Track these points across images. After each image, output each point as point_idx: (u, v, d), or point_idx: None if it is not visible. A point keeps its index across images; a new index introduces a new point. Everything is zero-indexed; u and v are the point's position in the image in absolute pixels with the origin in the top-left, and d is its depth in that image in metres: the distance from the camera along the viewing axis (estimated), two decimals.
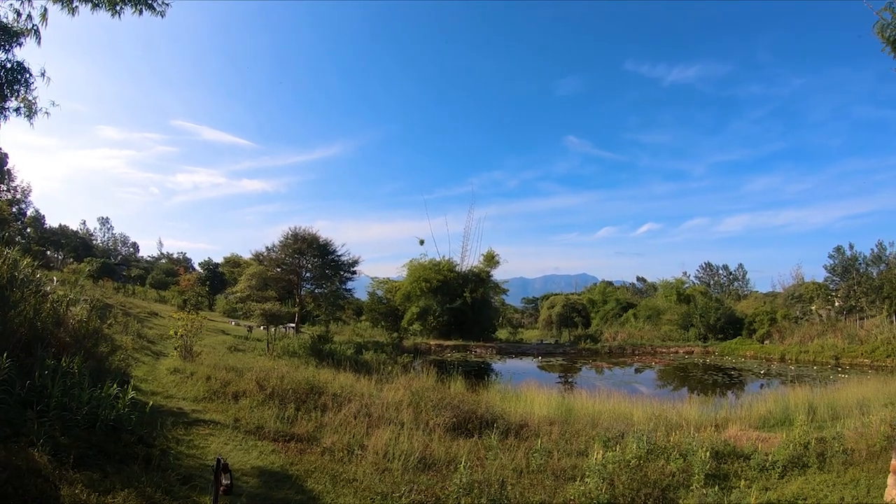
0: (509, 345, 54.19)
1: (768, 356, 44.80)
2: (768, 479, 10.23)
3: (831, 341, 42.61)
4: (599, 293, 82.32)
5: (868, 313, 48.37)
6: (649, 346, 52.98)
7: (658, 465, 10.35)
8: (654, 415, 15.33)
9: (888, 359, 36.19)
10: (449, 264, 57.67)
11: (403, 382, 17.47)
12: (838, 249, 60.50)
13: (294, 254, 42.40)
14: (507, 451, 11.00)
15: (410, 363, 29.53)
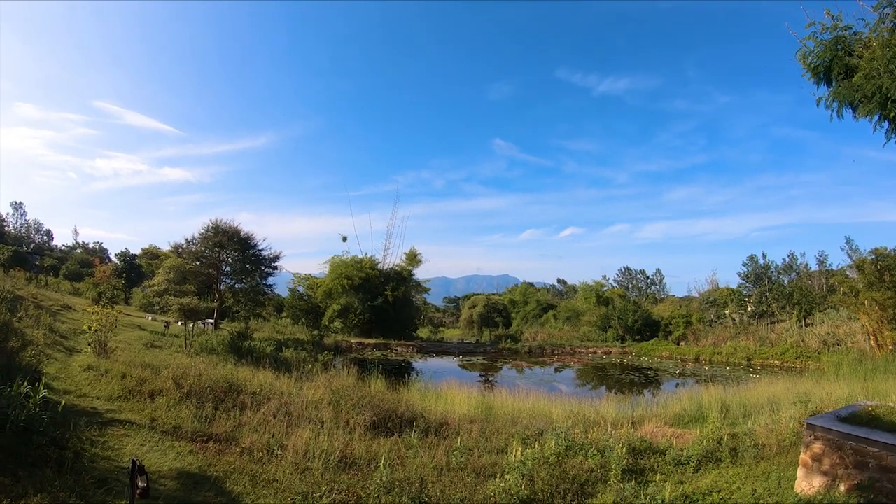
0: (430, 344, 54.85)
1: (683, 357, 47.54)
2: (683, 473, 10.74)
3: (744, 343, 45.61)
4: (521, 294, 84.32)
5: (779, 318, 51.72)
6: (569, 346, 55.08)
7: (576, 461, 10.66)
8: (573, 413, 15.74)
9: (797, 360, 38.98)
10: (371, 262, 57.68)
11: (324, 381, 17.26)
12: (752, 258, 64.98)
13: (214, 247, 41.32)
14: (427, 450, 11.09)
15: (331, 361, 29.21)
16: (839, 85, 9.26)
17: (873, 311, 33.44)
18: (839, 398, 15.64)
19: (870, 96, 8.38)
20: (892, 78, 7.89)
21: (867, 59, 8.50)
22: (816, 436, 9.20)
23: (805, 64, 9.83)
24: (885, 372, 24.52)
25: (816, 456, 9.12)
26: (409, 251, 60.47)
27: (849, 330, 39.09)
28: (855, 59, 8.95)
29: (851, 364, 29.47)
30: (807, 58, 9.78)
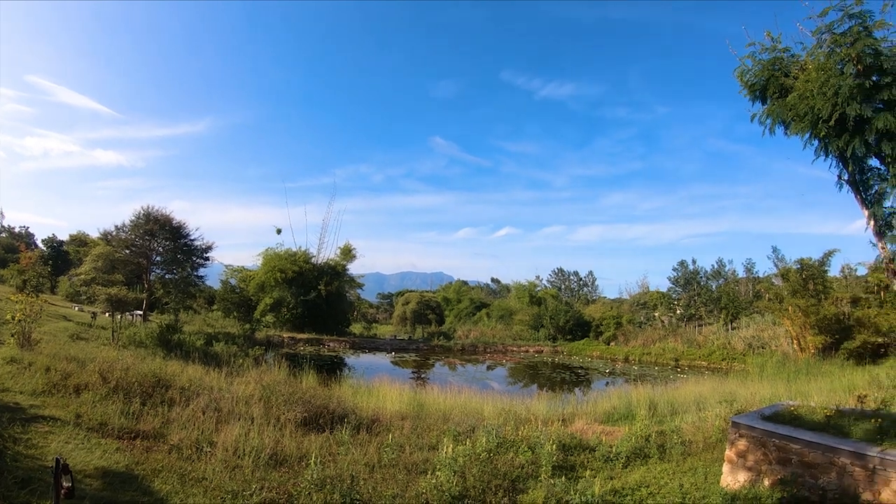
0: (363, 340, 54.91)
1: (614, 357, 49.16)
2: (613, 468, 11.04)
3: (672, 345, 47.62)
4: (454, 292, 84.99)
5: (706, 321, 53.89)
6: (501, 344, 56.22)
7: (508, 458, 10.80)
8: (505, 410, 15.91)
9: (723, 361, 40.94)
10: (305, 255, 57.17)
11: (255, 376, 16.96)
12: (682, 263, 67.41)
13: (145, 235, 40.30)
14: (359, 446, 11.03)
15: (262, 356, 28.92)
16: (773, 103, 9.86)
17: (797, 316, 35.38)
18: (763, 398, 16.39)
19: (802, 115, 8.90)
20: (824, 99, 8.38)
21: (802, 80, 9.01)
22: (741, 433, 9.63)
23: (742, 81, 10.41)
24: (808, 374, 25.96)
25: (741, 452, 9.54)
26: (344, 246, 60.33)
27: (773, 334, 41.19)
28: (790, 80, 9.49)
29: (775, 366, 31.17)
30: (744, 75, 10.36)
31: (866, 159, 9.24)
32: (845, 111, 8.20)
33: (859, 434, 8.41)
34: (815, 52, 9.09)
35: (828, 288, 38.19)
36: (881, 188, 9.14)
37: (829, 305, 35.35)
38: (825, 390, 18.29)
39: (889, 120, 7.87)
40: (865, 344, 32.47)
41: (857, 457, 7.67)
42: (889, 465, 7.30)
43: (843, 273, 46.18)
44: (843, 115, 8.30)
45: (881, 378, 19.89)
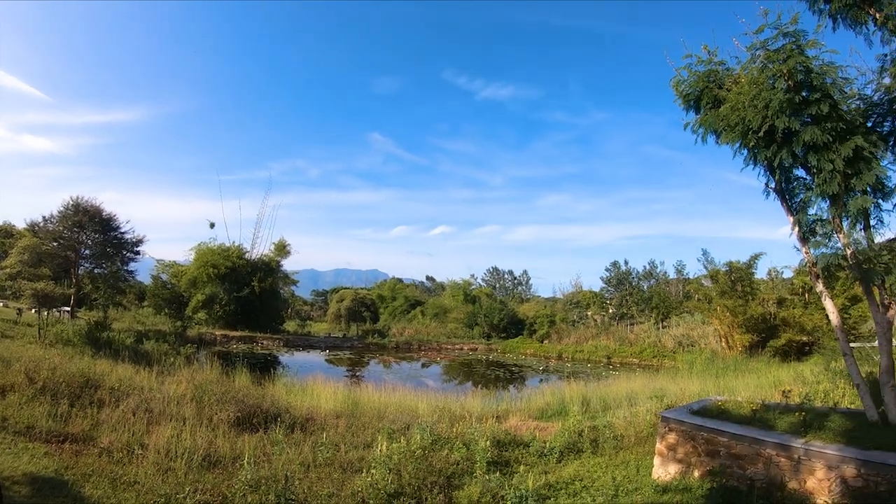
0: (297, 337, 54.52)
1: (547, 354, 50.20)
2: (547, 463, 11.30)
3: (604, 343, 49.08)
4: (389, 290, 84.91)
5: (638, 320, 55.65)
6: (436, 342, 56.69)
7: (443, 455, 10.89)
8: (439, 407, 15.99)
9: (654, 359, 42.47)
10: (239, 251, 55.90)
11: (186, 375, 16.55)
12: (615, 264, 69.66)
13: (74, 227, 38.74)
14: (293, 446, 10.87)
15: (194, 354, 28.12)
16: (707, 113, 10.33)
17: (725, 316, 37.09)
18: (692, 394, 16.97)
19: (733, 126, 9.32)
20: (755, 112, 8.80)
21: (735, 92, 9.46)
22: (671, 427, 10.03)
23: (678, 91, 10.87)
24: (735, 371, 27.09)
25: (671, 445, 9.93)
26: (279, 241, 59.23)
27: (702, 332, 42.99)
28: (724, 92, 9.97)
29: (704, 363, 32.43)
30: (680, 85, 10.81)
31: (793, 169, 9.77)
32: (775, 123, 8.63)
33: (784, 427, 8.87)
34: (749, 66, 9.52)
35: (755, 289, 40.11)
36: (806, 197, 9.63)
37: (756, 306, 37.20)
38: (752, 386, 19.15)
39: (816, 133, 8.31)
40: (790, 342, 34.30)
41: (783, 448, 8.09)
42: (813, 455, 7.73)
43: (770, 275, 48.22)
44: (773, 127, 8.73)
45: (805, 374, 20.89)
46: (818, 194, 8.93)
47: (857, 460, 7.23)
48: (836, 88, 8.45)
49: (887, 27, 8.16)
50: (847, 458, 7.34)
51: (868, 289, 9.34)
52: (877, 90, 9.37)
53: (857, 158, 8.35)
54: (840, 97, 8.59)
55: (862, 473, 7.12)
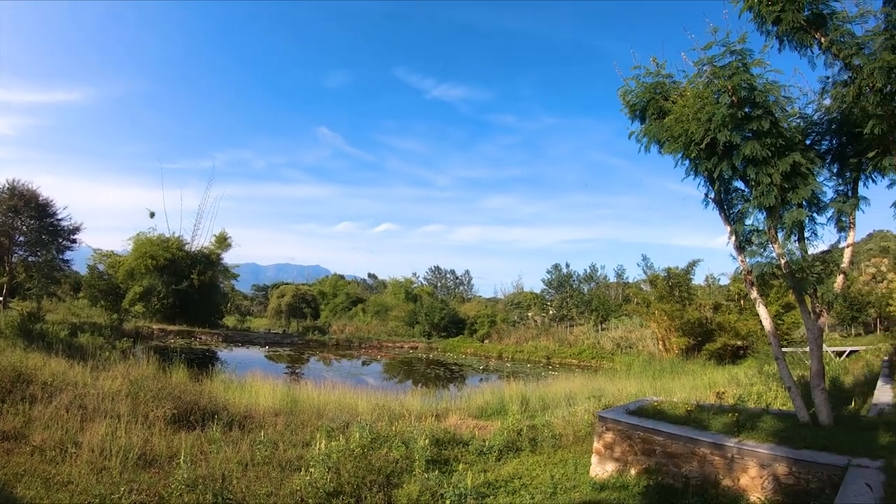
0: (237, 333, 53.78)
1: (487, 354, 50.76)
2: (486, 462, 11.50)
3: (544, 343, 50.00)
4: (331, 286, 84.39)
5: (578, 322, 56.87)
6: (376, 340, 56.63)
7: (382, 453, 10.95)
8: (379, 405, 16.05)
9: (593, 360, 43.49)
10: (178, 242, 54.36)
11: (122, 370, 16.03)
12: (556, 266, 71.15)
13: (8, 212, 37.05)
14: (231, 444, 10.72)
15: (131, 349, 27.45)
16: (651, 123, 10.80)
17: (662, 320, 38.35)
18: (630, 394, 17.47)
19: (676, 137, 9.72)
20: (698, 124, 9.19)
21: (680, 105, 9.86)
22: (608, 427, 10.40)
23: (624, 101, 11.33)
24: (672, 372, 28.04)
25: (608, 444, 10.30)
26: (220, 234, 58.09)
27: (640, 335, 44.30)
28: (669, 104, 10.40)
29: (642, 365, 33.46)
30: (627, 95, 11.27)
31: (732, 181, 10.29)
32: (717, 136, 9.04)
33: (718, 427, 9.31)
34: (696, 80, 9.96)
35: (692, 295, 41.70)
36: (744, 208, 10.16)
37: (693, 311, 38.62)
38: (688, 387, 19.84)
39: (756, 148, 8.74)
40: (725, 346, 35.80)
41: (717, 447, 8.49)
42: (746, 454, 8.14)
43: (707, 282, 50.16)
44: (715, 140, 9.14)
45: (740, 377, 21.77)
46: (755, 206, 9.41)
47: (788, 459, 7.65)
48: (777, 106, 8.92)
49: (831, 51, 8.63)
50: (779, 457, 7.75)
51: (800, 297, 9.84)
52: (817, 110, 10.01)
53: (795, 174, 8.85)
54: (781, 115, 9.09)
55: (793, 471, 7.53)
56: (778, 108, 8.93)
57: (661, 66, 10.94)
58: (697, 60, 9.64)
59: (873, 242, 75.93)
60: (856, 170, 9.63)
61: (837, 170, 10.00)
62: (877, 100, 8.07)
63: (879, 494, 5.60)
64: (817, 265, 9.66)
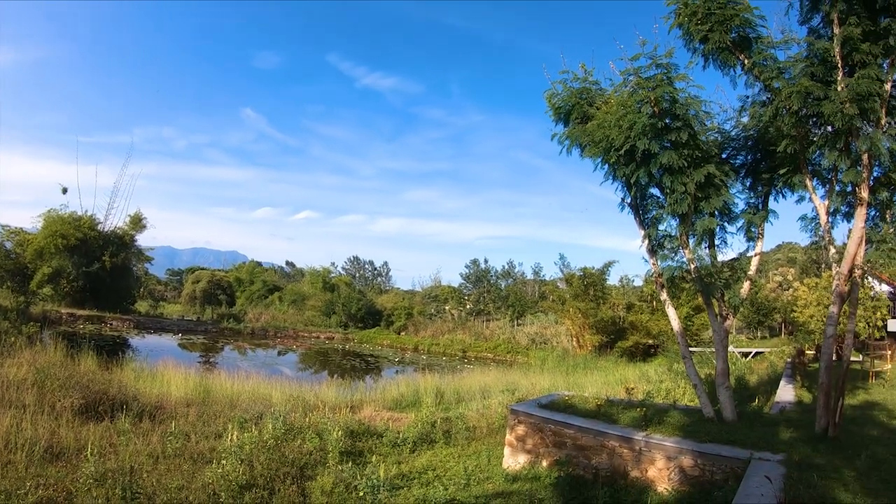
0: (149, 319, 52.15)
1: (404, 346, 51.07)
2: (401, 454, 11.63)
3: (461, 337, 50.64)
4: (247, 273, 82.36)
5: (494, 317, 57.78)
6: (292, 329, 56.05)
7: (296, 445, 10.89)
8: (293, 396, 15.94)
9: (508, 354, 44.47)
10: (91, 221, 51.10)
11: (28, 357, 15.12)
12: (475, 262, 71.71)
13: None
14: (142, 436, 10.40)
15: (38, 334, 25.71)
16: (575, 127, 11.22)
17: (577, 317, 39.56)
18: (543, 388, 17.99)
19: (597, 142, 10.14)
20: (619, 131, 9.60)
21: (604, 111, 10.32)
22: (520, 420, 10.77)
23: (550, 103, 11.71)
24: (585, 368, 29.03)
25: (520, 437, 10.67)
26: (135, 214, 54.97)
27: (555, 332, 45.45)
28: (593, 110, 10.87)
29: (556, 360, 34.47)
30: (553, 98, 11.66)
31: (649, 188, 10.82)
32: (636, 144, 9.47)
33: (627, 421, 9.79)
34: (621, 89, 10.46)
35: (606, 294, 43.17)
36: (658, 214, 10.72)
37: (607, 309, 40.09)
38: (600, 383, 20.58)
39: (673, 157, 9.22)
40: (637, 344, 37.34)
41: (625, 440, 8.93)
42: (653, 447, 8.62)
43: (622, 282, 51.90)
44: (634, 148, 9.56)
45: (650, 373, 22.76)
46: (669, 212, 9.93)
47: (693, 452, 8.15)
48: (697, 120, 9.45)
49: (753, 73, 9.20)
50: (685, 450, 8.24)
51: (708, 300, 10.41)
52: (735, 126, 10.69)
53: (709, 184, 9.40)
54: (700, 128, 9.66)
55: (698, 464, 8.03)
56: (697, 121, 9.44)
57: (588, 73, 11.38)
58: (624, 70, 10.04)
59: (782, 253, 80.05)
60: (767, 185, 10.31)
61: (750, 183, 10.71)
62: (792, 121, 8.67)
63: (779, 486, 6.02)
64: (725, 271, 10.28)
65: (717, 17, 9.01)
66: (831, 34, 8.53)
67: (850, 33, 8.08)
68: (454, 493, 8.94)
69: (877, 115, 8.22)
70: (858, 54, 8.18)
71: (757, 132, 10.12)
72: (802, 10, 9.13)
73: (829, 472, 6.90)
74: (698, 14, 9.14)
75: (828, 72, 8.57)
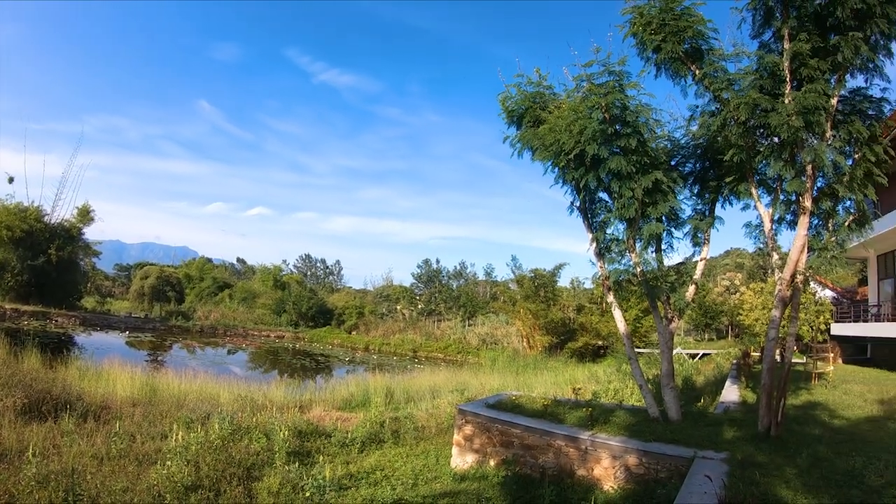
0: (96, 316, 50.53)
1: (354, 345, 50.88)
2: (349, 454, 11.56)
3: (411, 337, 50.73)
4: (197, 269, 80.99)
5: (445, 317, 58.15)
6: (242, 328, 55.31)
7: (243, 445, 10.72)
8: (241, 396, 15.72)
9: (459, 354, 44.71)
10: (37, 212, 48.67)
11: None
12: (426, 262, 71.83)
13: None
14: (86, 437, 10.08)
15: None
16: (527, 130, 11.33)
17: (527, 318, 39.97)
18: (493, 388, 18.14)
19: (548, 145, 10.26)
20: (570, 136, 9.75)
21: (555, 116, 10.44)
22: (467, 419, 10.86)
23: (504, 106, 11.86)
24: (535, 368, 29.35)
25: (468, 437, 10.74)
26: (83, 206, 52.64)
27: (506, 332, 45.88)
28: (546, 114, 11.01)
29: (506, 361, 34.75)
30: (507, 101, 11.83)
31: (597, 192, 11.03)
32: (586, 149, 9.61)
33: (573, 420, 9.96)
34: (573, 94, 10.61)
35: (557, 296, 43.73)
36: (606, 218, 10.98)
37: (557, 311, 40.63)
38: (549, 383, 20.84)
39: (621, 163, 9.42)
40: (587, 345, 37.98)
41: (571, 440, 9.07)
42: (599, 446, 8.77)
43: (572, 284, 52.68)
44: (584, 152, 9.70)
45: (599, 374, 23.15)
46: (617, 217, 10.16)
47: (638, 451, 8.32)
48: (647, 127, 9.65)
49: (704, 83, 9.42)
50: (630, 449, 8.40)
51: (654, 303, 10.64)
52: (685, 135, 10.91)
53: (656, 190, 9.63)
54: (650, 136, 9.86)
55: (643, 462, 8.20)
56: (647, 128, 9.64)
57: (543, 77, 11.52)
58: (577, 76, 10.17)
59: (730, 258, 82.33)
60: (714, 192, 10.59)
61: (698, 191, 10.98)
62: (739, 131, 8.92)
63: (719, 483, 6.17)
64: (671, 275, 10.52)
65: (671, 28, 9.19)
66: (782, 49, 8.78)
67: (800, 49, 8.33)
68: (402, 493, 8.94)
69: (822, 129, 8.49)
70: (807, 69, 8.44)
71: (706, 141, 10.36)
72: (755, 25, 9.36)
73: (770, 470, 7.10)
74: (653, 24, 9.31)
75: (776, 85, 8.82)
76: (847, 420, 10.70)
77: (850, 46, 7.95)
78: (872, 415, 11.11)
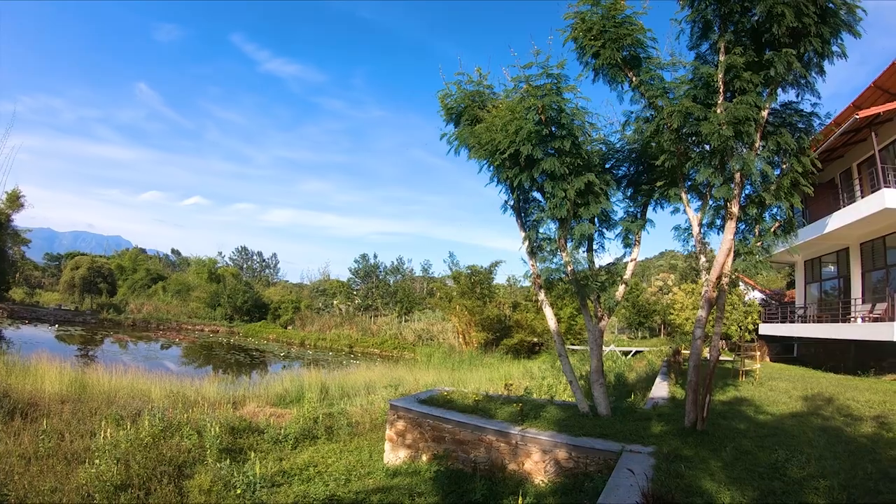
0: (24, 308, 49.27)
1: (290, 340, 50.21)
2: (282, 450, 11.43)
3: (348, 332, 50.62)
4: (130, 260, 78.47)
5: (382, 312, 57.95)
6: (176, 321, 54.37)
7: (174, 443, 10.49)
8: (173, 392, 15.36)
9: (395, 350, 44.59)
10: None
11: None
12: (364, 257, 71.23)
13: None
14: (13, 435, 9.76)
15: None
16: (464, 128, 11.43)
17: (464, 314, 40.21)
18: (428, 384, 18.20)
19: (484, 144, 10.37)
20: (505, 135, 9.86)
21: (493, 115, 10.54)
22: (399, 415, 10.92)
23: (443, 103, 11.99)
24: (470, 364, 29.60)
25: (400, 432, 10.79)
26: (12, 191, 49.10)
27: (442, 328, 46.05)
28: (484, 113, 11.12)
29: (442, 357, 34.96)
30: (446, 99, 11.93)
31: (531, 192, 11.26)
32: (520, 149, 9.75)
33: (504, 416, 10.09)
34: (512, 94, 10.66)
35: (493, 292, 44.12)
36: (539, 217, 11.18)
37: (493, 308, 40.97)
38: (485, 379, 21.03)
39: (555, 164, 9.58)
40: (522, 342, 38.41)
41: (502, 434, 9.19)
42: (529, 441, 8.90)
43: (509, 282, 53.21)
44: (518, 152, 9.83)
45: (534, 370, 23.52)
46: (549, 216, 10.33)
47: (568, 445, 8.48)
48: (581, 130, 9.81)
49: (640, 90, 9.67)
50: (559, 444, 8.55)
51: (584, 302, 10.88)
52: (620, 139, 11.13)
53: (589, 192, 9.85)
54: (585, 138, 10.02)
55: (573, 456, 8.36)
56: (582, 132, 9.81)
57: (483, 77, 11.63)
58: (516, 77, 10.28)
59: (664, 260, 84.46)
60: (647, 195, 10.89)
61: (631, 193, 11.29)
62: (672, 138, 9.19)
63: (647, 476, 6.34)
64: (602, 275, 10.80)
65: (611, 35, 9.39)
66: (717, 61, 9.06)
67: (735, 62, 8.62)
68: (334, 490, 8.91)
69: (752, 139, 8.83)
70: (740, 81, 8.74)
71: (640, 146, 10.68)
72: (693, 37, 9.63)
73: (696, 463, 7.33)
74: (593, 30, 9.50)
75: (709, 95, 9.11)
76: (772, 415, 11.13)
77: (783, 62, 8.27)
78: (796, 410, 11.57)
